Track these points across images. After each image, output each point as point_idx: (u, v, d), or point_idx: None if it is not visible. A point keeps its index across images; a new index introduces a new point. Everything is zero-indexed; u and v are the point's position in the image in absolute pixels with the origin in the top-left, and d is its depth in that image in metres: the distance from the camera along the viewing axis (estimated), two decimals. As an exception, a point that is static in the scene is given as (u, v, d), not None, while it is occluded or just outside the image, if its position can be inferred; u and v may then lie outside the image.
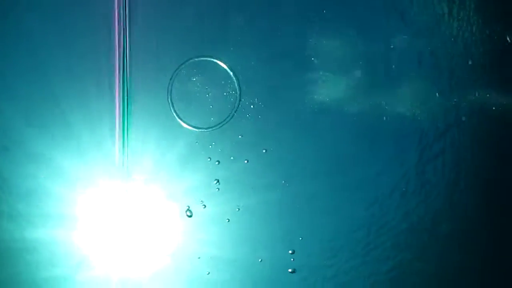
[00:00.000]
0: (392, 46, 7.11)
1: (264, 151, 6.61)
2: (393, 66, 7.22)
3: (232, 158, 6.65)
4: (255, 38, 6.53)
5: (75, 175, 6.76)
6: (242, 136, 6.49)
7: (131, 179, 6.77)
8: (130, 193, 6.88)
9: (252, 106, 6.53)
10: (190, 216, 6.81)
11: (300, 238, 7.15)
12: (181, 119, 6.36)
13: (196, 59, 6.06)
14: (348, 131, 7.46)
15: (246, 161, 6.59)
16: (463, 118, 7.63)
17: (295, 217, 7.11)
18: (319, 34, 6.82)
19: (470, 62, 7.48)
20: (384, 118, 7.29)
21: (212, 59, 6.13)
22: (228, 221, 6.91)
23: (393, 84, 7.29)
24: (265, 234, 7.05)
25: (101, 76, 6.21)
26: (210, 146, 6.60)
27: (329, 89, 7.00)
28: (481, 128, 7.69)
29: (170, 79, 6.11)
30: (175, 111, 6.32)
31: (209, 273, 7.23)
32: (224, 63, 6.19)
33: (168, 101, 6.28)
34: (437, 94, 7.45)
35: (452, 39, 7.30)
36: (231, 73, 6.18)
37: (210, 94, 6.26)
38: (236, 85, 6.22)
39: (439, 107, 7.48)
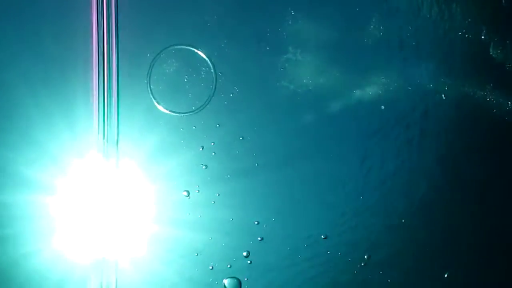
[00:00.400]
0: (369, 31, 7.23)
1: (241, 138, 6.84)
2: (368, 51, 7.35)
3: (213, 143, 6.85)
4: (235, 26, 6.63)
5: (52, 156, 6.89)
6: (219, 125, 6.71)
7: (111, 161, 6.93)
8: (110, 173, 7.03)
9: (231, 95, 6.69)
10: (188, 196, 7.03)
11: (269, 223, 7.42)
12: (158, 103, 6.50)
13: (174, 47, 6.17)
14: (323, 119, 7.59)
15: (213, 153, 6.86)
16: (431, 106, 7.81)
17: (267, 202, 7.37)
18: (300, 23, 6.90)
19: (442, 49, 7.64)
20: (360, 104, 7.45)
21: (189, 47, 6.23)
22: (214, 203, 7.14)
23: (369, 70, 7.43)
24: (237, 218, 7.28)
25: (79, 58, 6.31)
26: (194, 127, 6.78)
27: (307, 76, 7.10)
28: (450, 117, 7.90)
29: (149, 65, 6.23)
30: (153, 96, 6.44)
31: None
32: (202, 51, 6.30)
33: (147, 86, 6.40)
34: (408, 80, 7.58)
35: (428, 25, 7.42)
36: (207, 60, 6.30)
37: (187, 80, 6.39)
38: (212, 71, 6.35)
39: (408, 94, 7.64)
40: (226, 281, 7.14)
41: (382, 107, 7.61)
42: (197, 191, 7.01)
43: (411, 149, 8.07)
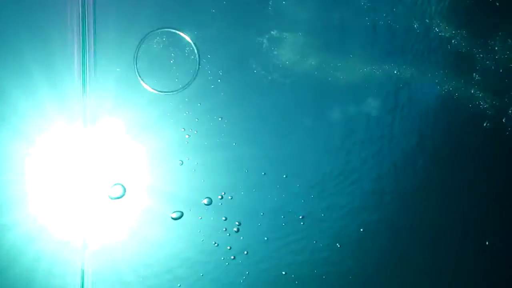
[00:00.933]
0: (352, 13, 7.45)
1: (220, 118, 7.23)
2: (351, 35, 7.63)
3: (197, 120, 7.21)
4: (221, 11, 6.81)
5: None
6: (200, 104, 7.06)
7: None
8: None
9: (219, 80, 6.99)
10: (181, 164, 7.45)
11: (242, 192, 7.97)
12: (144, 82, 6.76)
13: (160, 30, 6.36)
14: (299, 99, 8.02)
15: (196, 132, 7.24)
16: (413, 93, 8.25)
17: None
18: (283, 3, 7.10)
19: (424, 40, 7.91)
20: (339, 85, 7.75)
21: (174, 30, 6.45)
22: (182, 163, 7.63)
23: (350, 52, 7.69)
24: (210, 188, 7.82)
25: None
26: (186, 113, 7.16)
27: (288, 56, 7.36)
28: (430, 105, 8.39)
29: (136, 47, 6.42)
30: (139, 75, 6.69)
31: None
32: (189, 34, 6.52)
33: (134, 67, 6.62)
34: (391, 66, 7.93)
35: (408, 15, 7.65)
36: (192, 43, 6.55)
37: (172, 61, 6.67)
38: (196, 54, 6.61)
39: (390, 78, 8.03)
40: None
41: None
42: (181, 162, 7.45)
43: (389, 130, 8.53)
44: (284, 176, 8.24)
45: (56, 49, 6.58)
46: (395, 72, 7.99)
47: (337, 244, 9.23)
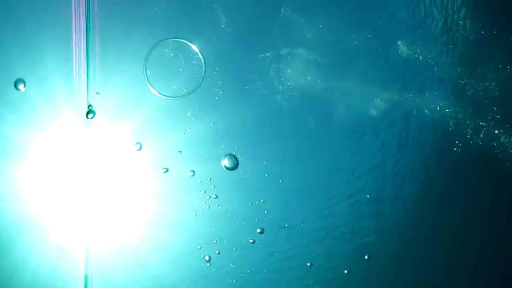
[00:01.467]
0: (354, 35, 7.73)
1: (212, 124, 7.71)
2: (352, 52, 7.85)
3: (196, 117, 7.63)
4: (228, 21, 7.26)
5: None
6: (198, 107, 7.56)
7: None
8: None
9: (221, 92, 7.47)
10: (180, 151, 7.85)
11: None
12: (152, 87, 7.37)
13: (169, 40, 7.01)
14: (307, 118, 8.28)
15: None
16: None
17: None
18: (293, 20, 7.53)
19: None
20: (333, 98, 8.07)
21: (183, 40, 7.11)
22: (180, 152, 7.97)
23: (347, 69, 7.97)
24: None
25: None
26: (189, 114, 7.67)
27: (294, 74, 7.69)
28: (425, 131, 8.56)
29: (146, 56, 6.99)
30: (148, 81, 7.31)
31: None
32: (196, 45, 7.09)
33: (144, 74, 7.27)
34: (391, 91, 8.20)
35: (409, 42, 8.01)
36: (200, 54, 7.16)
37: (179, 69, 7.22)
38: (202, 64, 7.19)
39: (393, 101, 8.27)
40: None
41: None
42: (179, 151, 7.93)
43: (392, 147, 8.66)
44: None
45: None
46: (397, 97, 8.24)
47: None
